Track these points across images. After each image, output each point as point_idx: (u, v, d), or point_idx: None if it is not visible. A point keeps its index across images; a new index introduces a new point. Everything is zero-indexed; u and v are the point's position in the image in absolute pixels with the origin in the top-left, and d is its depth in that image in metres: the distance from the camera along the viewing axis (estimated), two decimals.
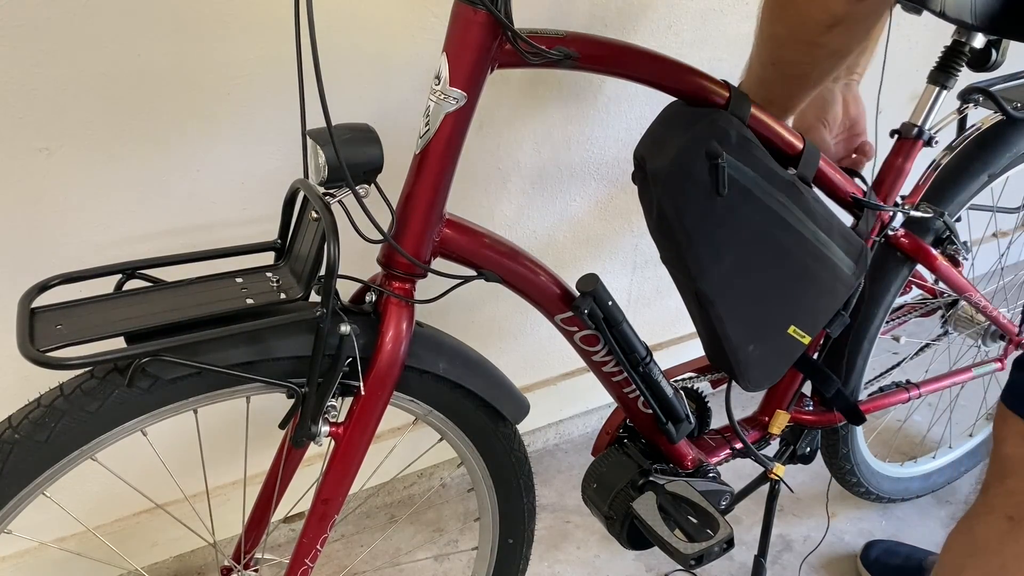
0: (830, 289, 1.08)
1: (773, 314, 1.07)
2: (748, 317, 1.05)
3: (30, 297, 0.80)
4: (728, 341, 1.06)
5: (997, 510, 1.04)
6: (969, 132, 1.32)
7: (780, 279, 1.04)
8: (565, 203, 1.54)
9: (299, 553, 0.98)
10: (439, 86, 0.81)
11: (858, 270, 1.09)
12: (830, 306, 1.11)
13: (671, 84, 0.95)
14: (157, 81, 1.05)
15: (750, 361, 1.09)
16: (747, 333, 1.06)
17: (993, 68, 1.17)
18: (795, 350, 1.12)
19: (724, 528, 1.05)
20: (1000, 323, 1.46)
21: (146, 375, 0.80)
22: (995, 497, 1.05)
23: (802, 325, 1.09)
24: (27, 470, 0.79)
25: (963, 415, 1.82)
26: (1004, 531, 1.03)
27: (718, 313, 1.03)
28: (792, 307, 1.07)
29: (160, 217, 1.15)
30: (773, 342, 1.09)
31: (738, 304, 1.03)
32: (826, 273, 1.06)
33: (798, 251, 1.02)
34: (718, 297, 1.01)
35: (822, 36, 0.88)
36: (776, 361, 1.13)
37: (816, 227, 1.02)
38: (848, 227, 1.07)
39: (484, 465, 1.09)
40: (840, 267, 1.07)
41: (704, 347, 1.15)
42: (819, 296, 1.08)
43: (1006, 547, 1.03)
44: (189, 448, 1.14)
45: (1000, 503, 1.04)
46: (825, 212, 1.03)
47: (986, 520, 1.06)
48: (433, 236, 0.89)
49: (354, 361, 0.89)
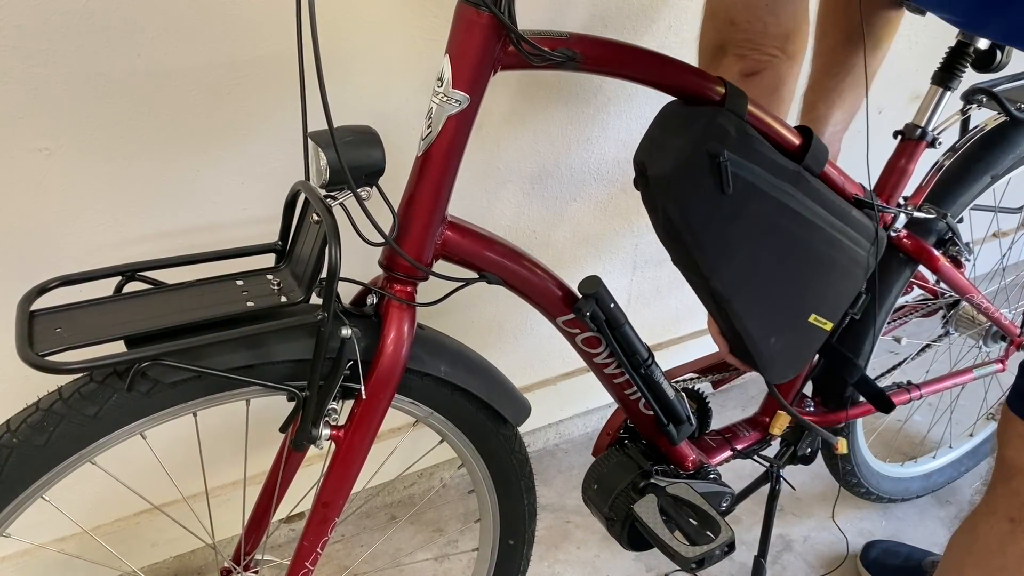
0: (848, 272, 1.07)
1: (792, 305, 1.06)
2: (767, 311, 1.04)
3: (29, 300, 0.79)
4: (749, 337, 1.05)
5: (999, 512, 1.05)
6: (972, 133, 1.31)
7: (795, 269, 1.02)
8: (564, 203, 1.53)
9: (299, 556, 0.98)
10: (442, 88, 0.81)
11: (874, 250, 1.08)
12: (850, 290, 1.10)
13: (673, 84, 0.94)
14: (157, 81, 1.05)
15: (773, 354, 1.08)
16: (767, 327, 1.05)
17: (997, 69, 1.16)
18: (818, 338, 1.12)
19: (725, 531, 1.05)
20: (1001, 324, 1.46)
21: (146, 379, 0.79)
22: (998, 499, 1.05)
23: (823, 312, 1.08)
24: (26, 474, 0.78)
25: (963, 415, 1.82)
26: (1005, 532, 1.03)
27: (735, 310, 1.02)
28: (811, 295, 1.06)
29: (160, 217, 1.14)
30: (794, 333, 1.08)
31: (755, 299, 1.02)
32: (842, 257, 1.05)
33: (811, 240, 1.01)
34: (734, 295, 1.00)
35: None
36: (799, 351, 1.12)
37: (828, 213, 1.01)
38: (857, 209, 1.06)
39: (485, 467, 1.09)
40: (855, 249, 1.05)
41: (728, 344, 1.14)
42: (837, 281, 1.07)
43: (1007, 548, 1.03)
44: (188, 449, 1.14)
45: (1003, 505, 1.04)
46: (834, 196, 1.02)
47: (988, 521, 1.06)
48: (435, 239, 0.88)
49: (355, 364, 0.88)
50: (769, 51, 1.00)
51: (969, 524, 1.10)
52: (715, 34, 1.03)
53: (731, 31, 0.99)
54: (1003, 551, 1.03)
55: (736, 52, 1.01)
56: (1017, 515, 1.02)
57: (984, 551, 1.06)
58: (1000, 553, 1.04)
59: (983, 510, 1.08)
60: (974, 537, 1.08)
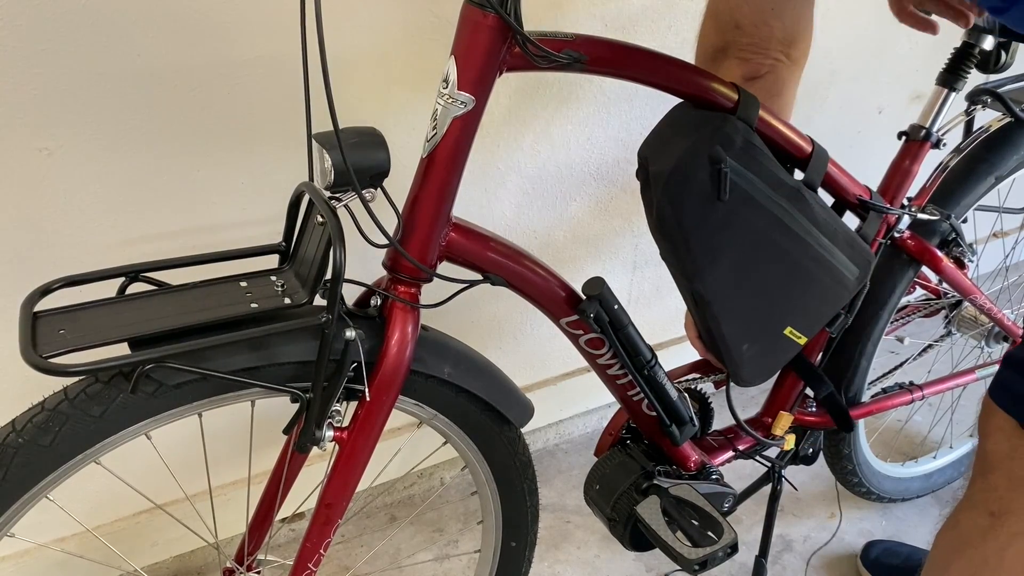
0: (830, 293, 1.08)
1: (770, 315, 1.07)
2: (744, 318, 1.05)
3: (32, 301, 0.79)
4: (722, 339, 1.06)
5: (979, 506, 1.04)
6: (977, 134, 1.31)
7: (778, 282, 1.03)
8: (565, 203, 1.53)
9: (302, 557, 0.97)
10: (447, 89, 0.80)
11: (862, 275, 1.08)
12: (829, 310, 1.11)
13: (680, 87, 0.94)
14: (157, 81, 1.04)
15: (744, 359, 1.09)
16: (742, 332, 1.06)
17: (1002, 70, 1.16)
18: (790, 350, 1.13)
19: (728, 533, 1.05)
20: (1004, 325, 1.46)
21: (150, 381, 0.79)
22: (978, 492, 1.05)
23: (799, 327, 1.09)
24: (31, 474, 0.78)
25: (964, 415, 1.82)
26: (986, 527, 1.03)
27: (714, 313, 1.03)
28: (789, 309, 1.07)
29: (160, 218, 1.14)
30: (768, 342, 1.09)
31: (734, 305, 1.03)
32: (827, 277, 1.06)
33: (798, 255, 1.02)
34: (714, 298, 1.01)
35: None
36: (770, 360, 1.14)
37: (820, 232, 1.02)
38: (854, 232, 1.07)
39: (488, 469, 1.08)
40: (842, 271, 1.06)
41: (701, 338, 1.16)
42: (818, 299, 1.08)
43: (988, 542, 1.03)
44: (191, 448, 1.13)
45: (982, 499, 1.04)
46: (829, 218, 1.03)
47: (969, 515, 1.06)
48: (439, 240, 0.88)
49: (359, 366, 0.88)
50: (773, 55, 1.00)
51: (952, 520, 1.10)
52: (717, 37, 1.02)
53: (735, 34, 0.99)
54: (984, 545, 1.03)
55: (739, 55, 1.01)
56: (996, 508, 1.02)
57: (967, 545, 1.05)
58: (982, 547, 1.03)
59: (964, 505, 1.08)
60: (957, 533, 1.08)
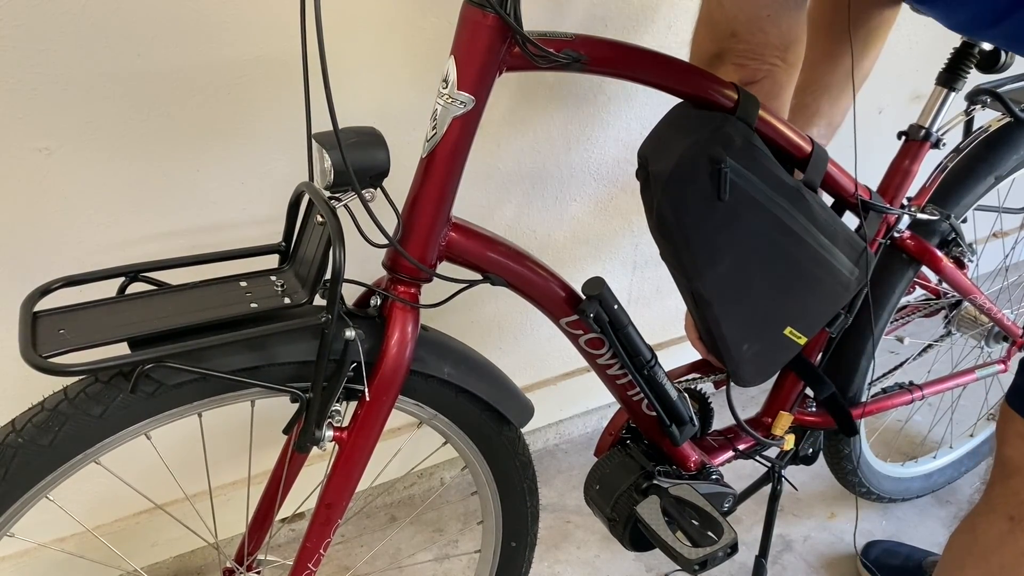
0: (830, 293, 1.09)
1: (770, 316, 1.07)
2: (744, 318, 1.05)
3: (32, 301, 0.79)
4: (722, 339, 1.06)
5: (998, 510, 1.05)
6: (976, 134, 1.31)
7: (778, 282, 1.04)
8: (564, 203, 1.53)
9: (302, 557, 0.97)
10: (447, 89, 0.80)
11: (860, 275, 1.09)
12: (829, 309, 1.12)
13: (680, 87, 0.94)
14: (157, 81, 1.04)
15: (744, 359, 1.09)
16: (742, 333, 1.07)
17: (1002, 70, 1.16)
18: (790, 350, 1.13)
19: (728, 533, 1.05)
20: (1004, 325, 1.46)
21: (150, 380, 0.79)
22: (997, 497, 1.06)
23: (799, 327, 1.10)
24: (31, 474, 0.78)
25: (964, 415, 1.82)
26: (1005, 531, 1.03)
27: (714, 313, 1.03)
28: (789, 309, 1.07)
29: (160, 217, 1.14)
30: (768, 342, 1.10)
31: (734, 305, 1.03)
32: (827, 277, 1.06)
33: (798, 256, 1.02)
34: (714, 298, 1.02)
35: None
36: (770, 360, 1.14)
37: (820, 232, 1.02)
38: (853, 231, 1.07)
39: (488, 469, 1.08)
40: (841, 271, 1.06)
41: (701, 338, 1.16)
42: (818, 300, 1.09)
43: (1006, 547, 1.03)
44: (190, 448, 1.14)
45: (1001, 503, 1.05)
46: (829, 218, 1.03)
47: (987, 519, 1.06)
48: (439, 240, 0.88)
49: (359, 366, 0.88)
50: (769, 60, 1.00)
51: (968, 523, 1.10)
52: (713, 44, 1.02)
53: (731, 42, 0.99)
54: (1002, 549, 1.04)
55: (735, 62, 1.01)
56: (1016, 513, 1.02)
57: (984, 550, 1.06)
58: (999, 551, 1.04)
59: (982, 508, 1.08)
60: (973, 536, 1.08)
